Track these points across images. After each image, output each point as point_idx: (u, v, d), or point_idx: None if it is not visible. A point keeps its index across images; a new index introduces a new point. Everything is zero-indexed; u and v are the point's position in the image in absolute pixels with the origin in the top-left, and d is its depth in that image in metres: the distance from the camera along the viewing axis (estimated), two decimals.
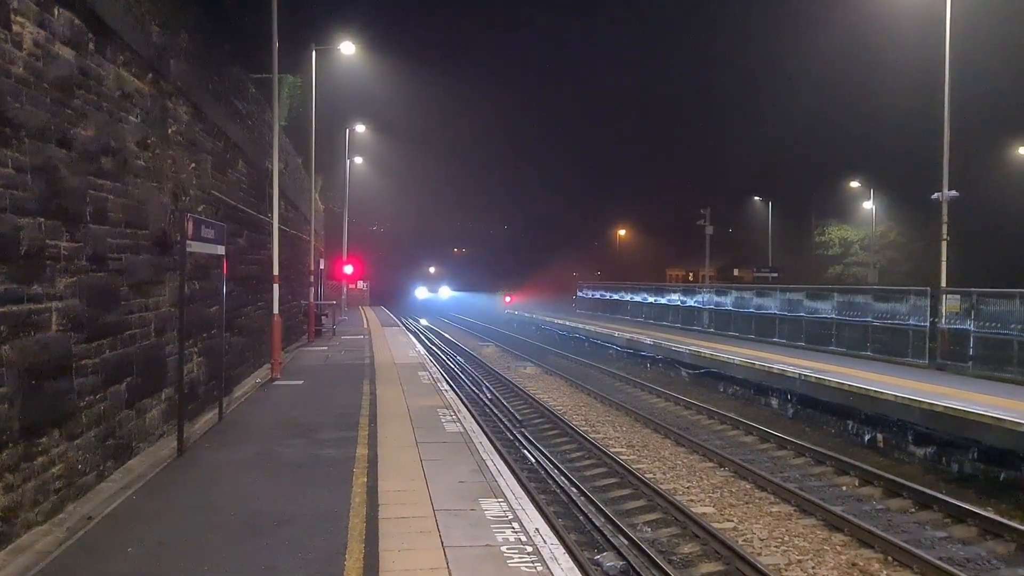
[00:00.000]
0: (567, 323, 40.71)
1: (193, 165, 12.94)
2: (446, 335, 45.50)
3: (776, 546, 10.22)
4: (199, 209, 13.14)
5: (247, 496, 8.88)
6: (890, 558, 9.68)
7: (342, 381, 18.24)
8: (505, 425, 17.94)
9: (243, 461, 10.53)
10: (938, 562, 9.21)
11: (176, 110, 12.04)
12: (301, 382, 18.03)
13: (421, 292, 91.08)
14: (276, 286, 18.86)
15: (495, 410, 19.86)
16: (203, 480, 9.54)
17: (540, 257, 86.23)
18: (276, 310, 18.83)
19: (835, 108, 73.68)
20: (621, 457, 14.49)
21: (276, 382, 17.94)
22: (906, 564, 9.44)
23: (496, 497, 8.85)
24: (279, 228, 19.54)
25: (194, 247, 10.98)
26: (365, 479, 9.61)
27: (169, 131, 11.65)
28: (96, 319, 8.86)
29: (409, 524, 7.89)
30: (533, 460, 14.76)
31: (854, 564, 9.48)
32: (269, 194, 19.35)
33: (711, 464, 14.17)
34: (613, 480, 13.41)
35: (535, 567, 6.76)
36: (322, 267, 43.15)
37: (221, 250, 12.50)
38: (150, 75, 10.75)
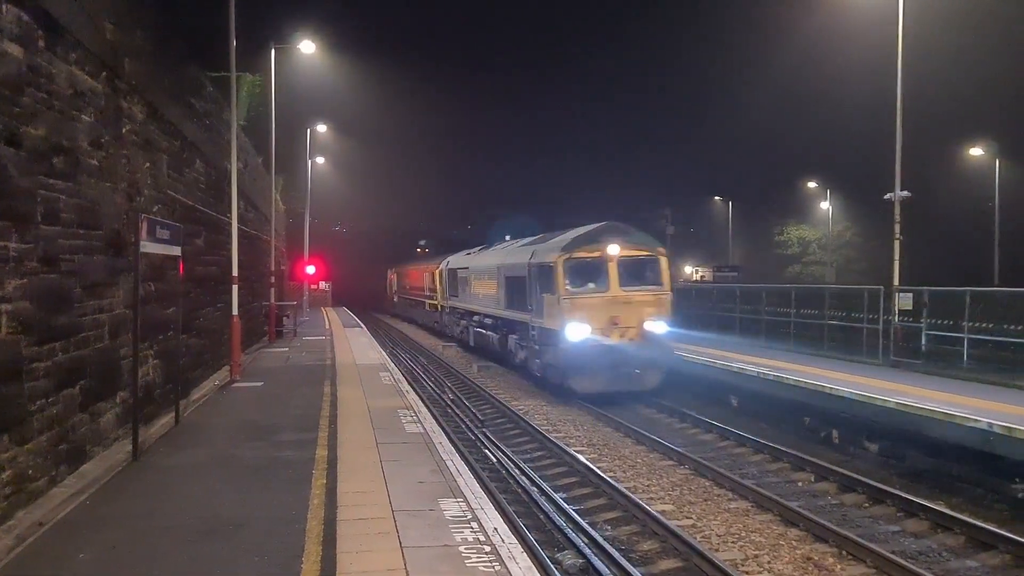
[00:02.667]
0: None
1: (148, 165, 12.77)
2: (409, 335, 45.35)
3: (733, 542, 10.35)
4: (154, 209, 12.97)
5: (204, 500, 8.79)
6: (844, 552, 9.85)
7: (303, 382, 18.12)
8: (467, 425, 17.95)
9: (200, 464, 10.43)
10: (891, 555, 9.39)
11: (131, 109, 11.87)
12: (261, 384, 17.87)
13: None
14: (235, 287, 18.68)
15: (456, 410, 19.85)
16: (159, 484, 9.43)
17: None
18: (235, 311, 18.64)
19: (794, 111, 74.77)
20: (582, 456, 14.57)
21: (235, 384, 17.77)
22: (860, 558, 9.61)
23: (455, 497, 8.87)
24: (238, 228, 19.35)
25: (149, 248, 10.84)
26: (324, 481, 9.57)
27: (124, 130, 11.49)
28: (48, 322, 8.71)
29: (367, 525, 7.88)
30: (495, 460, 14.78)
31: (809, 558, 9.64)
32: (228, 194, 19.14)
33: (671, 462, 14.30)
34: (574, 479, 13.48)
35: (493, 566, 6.79)
36: (283, 268, 42.78)
37: (177, 251, 12.35)
38: (104, 73, 10.59)
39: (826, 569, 9.34)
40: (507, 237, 38.31)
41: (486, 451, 15.53)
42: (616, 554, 9.60)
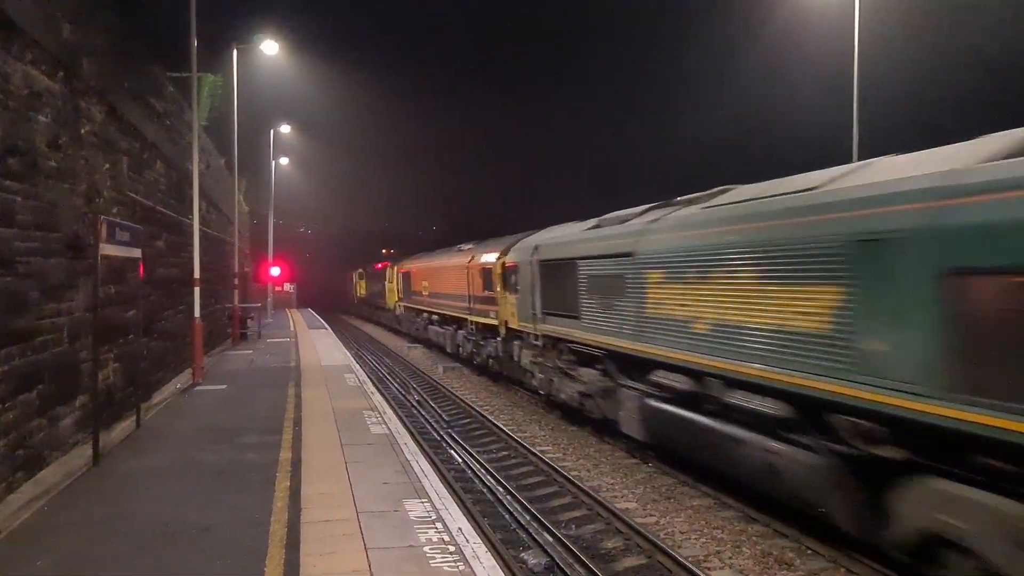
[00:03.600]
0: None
1: (108, 166, 12.61)
2: (374, 337, 45.18)
3: (696, 538, 10.46)
4: (114, 211, 12.82)
5: (166, 504, 8.72)
6: (803, 547, 10.00)
7: (267, 385, 17.99)
8: (432, 426, 17.95)
9: (162, 469, 10.33)
10: (842, 547, 9.53)
11: (90, 109, 11.72)
12: (224, 386, 17.72)
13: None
14: (197, 289, 18.49)
15: (422, 411, 19.84)
16: (119, 489, 9.33)
17: None
18: (197, 313, 18.46)
19: (750, 114, 75.66)
20: (547, 455, 14.64)
21: (198, 387, 17.60)
22: (818, 552, 9.77)
23: (420, 498, 8.88)
24: (200, 230, 19.16)
25: (108, 250, 10.72)
26: (288, 483, 9.53)
27: (82, 131, 11.35)
28: (4, 325, 8.58)
29: (332, 527, 7.87)
30: (460, 460, 14.81)
31: (769, 553, 9.78)
32: (189, 195, 18.95)
33: (635, 460, 14.42)
34: (539, 478, 13.54)
35: (457, 566, 6.82)
36: (247, 270, 42.41)
37: (137, 253, 12.22)
38: (61, 73, 10.45)
39: (786, 563, 9.49)
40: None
41: (451, 452, 15.55)
42: (580, 552, 9.68)
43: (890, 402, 7.14)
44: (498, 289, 22.16)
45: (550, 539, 10.32)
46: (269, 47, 28.85)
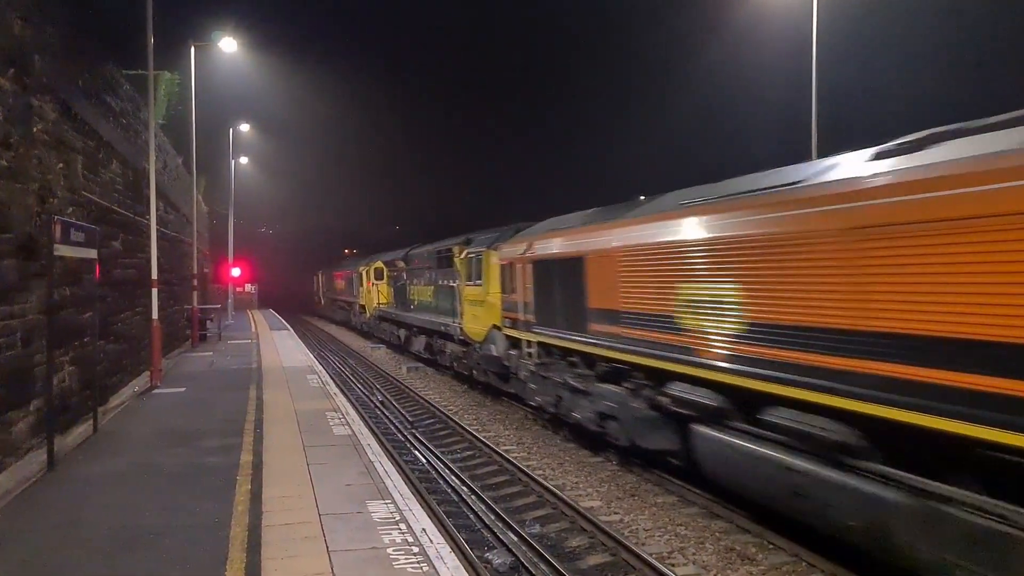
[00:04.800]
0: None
1: (62, 165, 12.35)
2: (337, 337, 44.85)
3: (660, 535, 10.52)
4: (68, 211, 12.56)
5: (123, 509, 8.56)
6: (766, 542, 10.10)
7: (227, 387, 17.76)
8: (396, 427, 17.85)
9: (119, 473, 10.15)
10: (804, 542, 9.64)
11: (42, 107, 11.47)
12: (183, 389, 17.46)
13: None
14: (155, 290, 18.21)
15: (386, 412, 19.73)
16: (75, 495, 9.14)
17: None
18: (155, 315, 18.18)
19: (709, 114, 76.46)
20: (512, 455, 14.64)
21: (157, 390, 17.33)
22: (780, 547, 9.87)
23: (384, 499, 8.82)
24: (158, 230, 18.86)
25: (63, 251, 10.50)
26: (249, 486, 9.41)
27: (34, 129, 11.10)
28: None
29: (294, 530, 7.78)
30: (424, 461, 14.74)
31: (732, 549, 9.85)
32: (146, 195, 18.64)
33: (599, 459, 14.46)
34: (504, 478, 13.52)
35: (421, 567, 6.78)
36: (207, 270, 41.87)
37: (93, 254, 11.99)
38: (12, 71, 10.20)
39: (748, 558, 9.57)
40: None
41: (416, 452, 15.48)
42: (545, 551, 9.68)
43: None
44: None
45: (515, 538, 10.30)
46: (227, 45, 28.50)
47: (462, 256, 21.86)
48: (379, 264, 38.13)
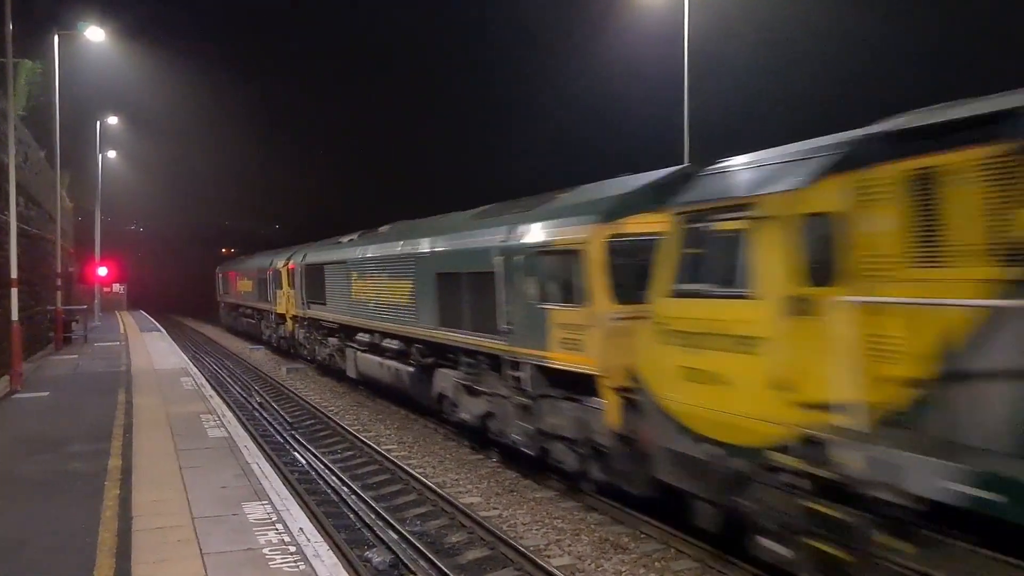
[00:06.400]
0: None
1: None
2: (212, 338, 43.52)
3: (538, 529, 10.78)
4: None
5: None
6: (639, 532, 10.50)
7: (94, 391, 17.06)
8: (275, 428, 17.56)
9: None
10: (675, 532, 10.09)
11: None
12: (47, 394, 16.67)
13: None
14: (14, 291, 17.28)
15: (264, 414, 19.36)
16: None
17: None
18: (15, 317, 17.26)
19: (590, 123, 78.22)
20: (393, 454, 14.66)
21: (17, 395, 16.49)
22: (652, 536, 10.28)
23: (261, 500, 8.73)
24: (18, 227, 17.91)
25: None
26: (118, 492, 9.14)
27: None
28: None
29: (166, 534, 7.61)
30: (304, 462, 14.59)
31: (606, 539, 10.21)
32: (5, 190, 17.67)
33: (480, 456, 14.65)
34: (385, 477, 13.53)
35: (298, 566, 6.77)
36: (72, 269, 39.86)
37: None
38: None
39: (622, 547, 9.94)
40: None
41: (295, 454, 15.29)
42: (424, 548, 9.78)
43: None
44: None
45: (395, 536, 10.36)
46: (95, 34, 27.28)
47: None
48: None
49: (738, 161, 7.85)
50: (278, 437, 16.73)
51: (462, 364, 14.21)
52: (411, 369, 16.64)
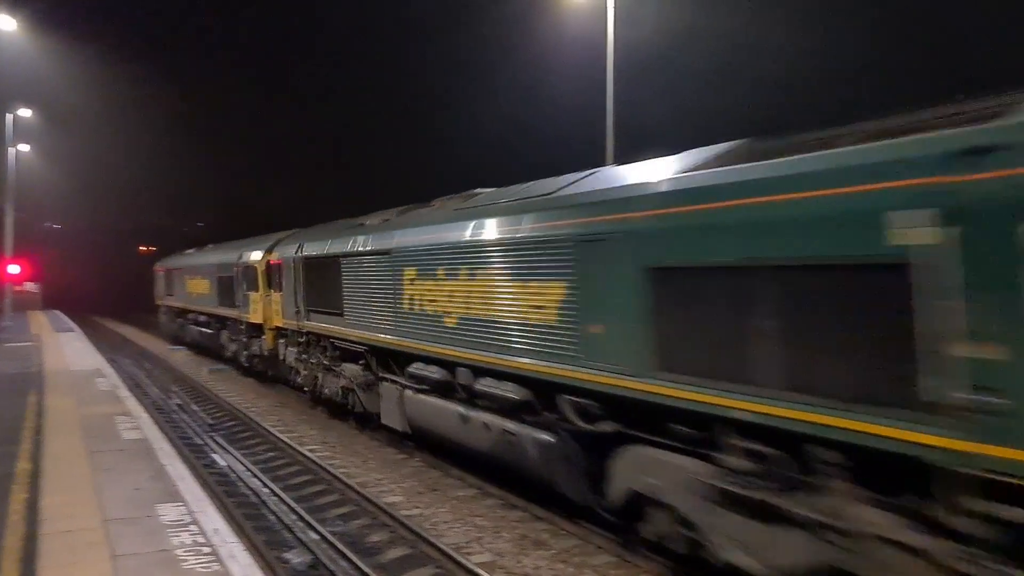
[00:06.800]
0: None
1: None
2: (130, 339, 42.37)
3: (459, 526, 10.85)
4: None
5: None
6: (559, 528, 10.65)
7: (3, 392, 16.49)
8: (194, 430, 17.23)
9: None
10: (592, 527, 10.27)
11: None
12: None
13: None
14: None
15: (184, 415, 18.97)
16: None
17: None
18: None
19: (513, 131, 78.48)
20: (316, 454, 14.55)
21: None
22: (572, 532, 10.45)
23: (175, 502, 8.59)
24: None
25: None
26: (26, 495, 8.88)
27: None
28: None
29: (75, 538, 7.44)
30: (224, 464, 14.37)
31: (526, 536, 10.33)
32: None
33: (403, 455, 14.64)
34: (307, 477, 13.42)
35: (211, 567, 6.70)
36: None
37: None
38: None
39: (541, 544, 10.08)
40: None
41: (214, 455, 15.04)
42: (344, 548, 9.76)
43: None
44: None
45: (316, 536, 10.31)
46: (5, 23, 26.33)
47: None
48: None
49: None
50: (197, 439, 16.43)
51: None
52: (551, 439, 9.65)
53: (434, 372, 12.29)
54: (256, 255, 22.50)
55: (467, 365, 11.28)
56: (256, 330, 22.92)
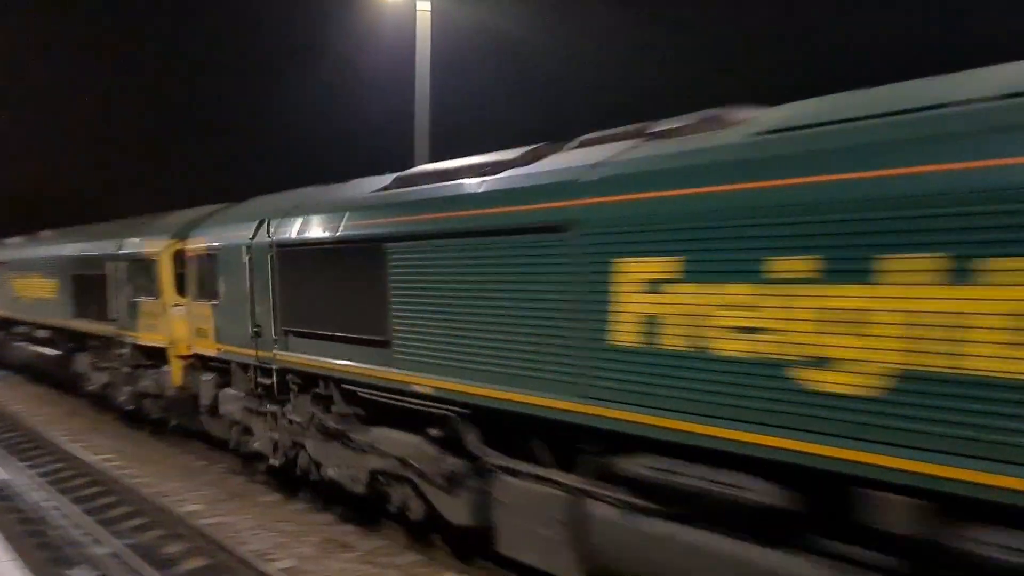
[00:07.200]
0: None
1: None
2: None
3: (263, 533, 10.61)
4: None
5: None
6: (365, 530, 10.65)
7: None
8: None
9: None
10: (402, 528, 10.36)
11: None
12: None
13: None
14: None
15: None
16: None
17: None
18: None
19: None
20: (109, 464, 13.79)
21: None
22: (378, 533, 10.47)
23: None
24: None
25: None
26: None
27: None
28: None
29: None
30: (4, 478, 13.33)
31: (332, 539, 10.26)
32: None
33: (205, 462, 14.13)
34: (98, 489, 12.69)
35: None
36: None
37: None
38: None
39: (347, 546, 10.05)
40: None
41: None
42: (137, 561, 9.32)
43: None
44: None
45: (107, 551, 9.78)
46: None
47: None
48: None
49: None
50: None
51: None
52: None
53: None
54: (155, 242, 15.11)
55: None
56: (152, 356, 15.36)
